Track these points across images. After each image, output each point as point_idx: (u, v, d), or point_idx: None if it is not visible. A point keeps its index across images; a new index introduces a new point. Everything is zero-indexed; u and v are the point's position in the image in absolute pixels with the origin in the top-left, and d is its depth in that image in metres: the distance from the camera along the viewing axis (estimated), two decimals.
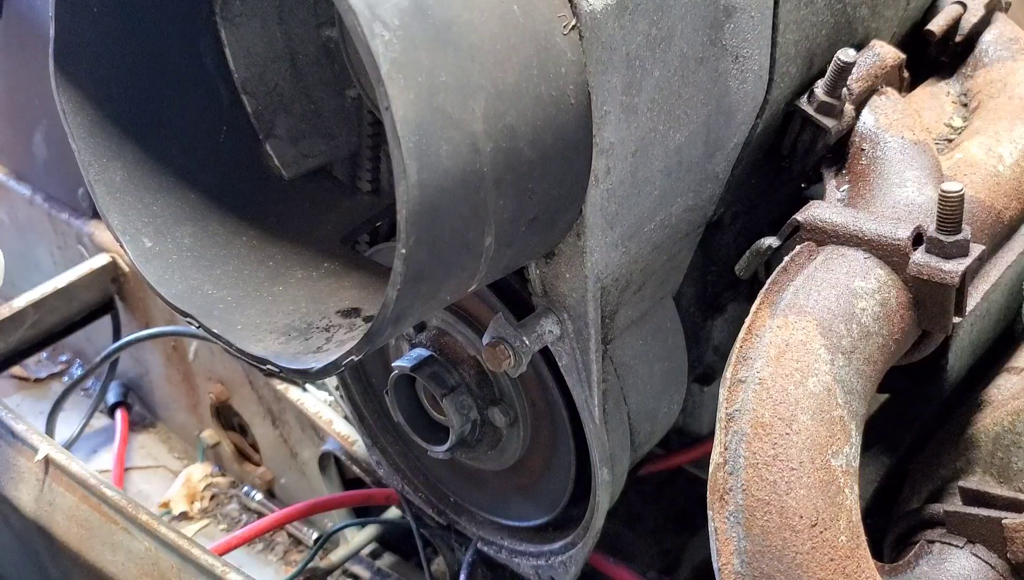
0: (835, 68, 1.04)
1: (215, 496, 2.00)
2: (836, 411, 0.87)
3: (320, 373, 0.88)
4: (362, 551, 1.59)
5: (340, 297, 0.99)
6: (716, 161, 1.02)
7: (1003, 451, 1.00)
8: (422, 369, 1.16)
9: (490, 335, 0.99)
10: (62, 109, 0.96)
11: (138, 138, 1.00)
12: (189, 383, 1.98)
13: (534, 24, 0.80)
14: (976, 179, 1.06)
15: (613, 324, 1.06)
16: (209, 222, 1.03)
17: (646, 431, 1.19)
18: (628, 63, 0.86)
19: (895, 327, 0.94)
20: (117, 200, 0.99)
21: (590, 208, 0.90)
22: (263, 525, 1.56)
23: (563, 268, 0.97)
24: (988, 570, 0.95)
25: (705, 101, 0.96)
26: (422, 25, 0.74)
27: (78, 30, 0.94)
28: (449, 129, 0.75)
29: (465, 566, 1.34)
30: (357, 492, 1.58)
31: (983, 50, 1.21)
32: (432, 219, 0.76)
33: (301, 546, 1.85)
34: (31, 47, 1.91)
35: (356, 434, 1.59)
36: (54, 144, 2.01)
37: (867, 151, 1.08)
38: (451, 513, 1.36)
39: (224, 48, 1.04)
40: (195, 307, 0.98)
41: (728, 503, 0.86)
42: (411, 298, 0.80)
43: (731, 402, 0.89)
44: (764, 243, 1.04)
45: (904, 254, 0.94)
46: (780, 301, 0.93)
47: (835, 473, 0.86)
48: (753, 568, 0.84)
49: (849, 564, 0.85)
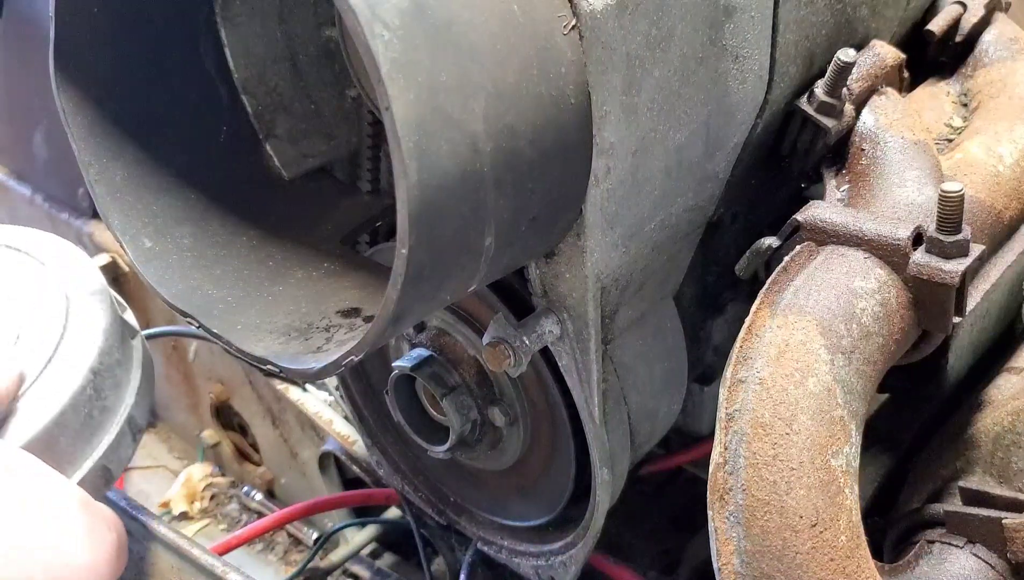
0: (835, 68, 1.04)
1: (215, 496, 2.00)
2: (836, 411, 0.87)
3: (320, 373, 0.88)
4: (362, 551, 1.59)
5: (340, 297, 0.99)
6: (716, 161, 1.02)
7: (1003, 451, 1.00)
8: (422, 369, 1.16)
9: (490, 335, 0.99)
10: (62, 109, 0.95)
11: (138, 138, 1.00)
12: (189, 383, 1.98)
13: (534, 24, 0.80)
14: (976, 179, 1.05)
15: (613, 324, 1.06)
16: (209, 222, 1.03)
17: (646, 431, 1.19)
18: (628, 63, 0.86)
19: (895, 327, 0.94)
20: (117, 200, 0.99)
21: (590, 208, 0.90)
22: (263, 525, 1.56)
23: (563, 268, 0.97)
24: (988, 570, 0.95)
25: (705, 101, 0.96)
26: (422, 25, 0.74)
27: (78, 30, 0.94)
28: (449, 129, 0.75)
29: (465, 566, 1.34)
30: (357, 492, 1.58)
31: (983, 50, 1.21)
32: (432, 219, 0.76)
33: (301, 546, 1.85)
34: (31, 47, 1.91)
35: (356, 434, 1.59)
36: (54, 144, 2.01)
37: (867, 151, 1.07)
38: (451, 513, 1.36)
39: (224, 48, 1.04)
40: (195, 307, 0.98)
41: (728, 503, 0.86)
42: (411, 298, 0.80)
43: (731, 402, 0.89)
44: (764, 243, 1.04)
45: (904, 254, 0.94)
46: (780, 301, 0.93)
47: (835, 473, 0.86)
48: (753, 568, 0.84)
49: (849, 564, 0.85)
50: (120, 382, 1.00)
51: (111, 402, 0.98)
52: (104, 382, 0.97)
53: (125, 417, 0.99)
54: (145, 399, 1.02)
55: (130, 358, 1.03)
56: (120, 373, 1.00)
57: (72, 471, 0.93)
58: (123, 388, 1.00)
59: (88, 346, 0.98)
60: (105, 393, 0.97)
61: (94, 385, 0.96)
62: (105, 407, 0.97)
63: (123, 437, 0.98)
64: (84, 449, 0.95)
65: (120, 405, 0.99)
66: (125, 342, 1.03)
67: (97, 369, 0.97)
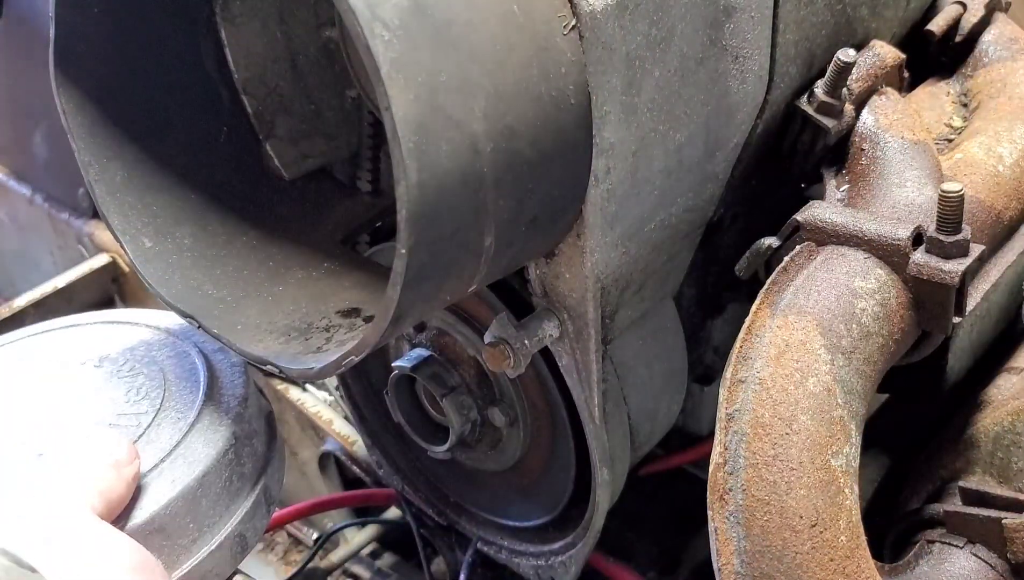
0: (835, 68, 1.04)
1: None
2: (836, 411, 0.87)
3: (320, 373, 0.88)
4: (362, 551, 1.59)
5: (340, 297, 0.99)
6: (716, 161, 1.02)
7: (1003, 451, 1.00)
8: (422, 369, 1.16)
9: (491, 335, 0.99)
10: (62, 109, 0.95)
11: (138, 138, 1.00)
12: None
13: (534, 24, 0.80)
14: (976, 179, 1.05)
15: (613, 324, 1.06)
16: (209, 222, 1.03)
17: (646, 431, 1.19)
18: (628, 63, 0.86)
19: (895, 327, 0.94)
20: (117, 200, 0.99)
21: (590, 208, 0.90)
22: None
23: (563, 268, 0.97)
24: (988, 570, 0.95)
25: (705, 101, 0.96)
26: (422, 25, 0.74)
27: (78, 30, 0.94)
28: (449, 129, 0.75)
29: (465, 566, 1.34)
30: (357, 492, 1.58)
31: (983, 50, 1.21)
32: (432, 219, 0.76)
33: (301, 546, 1.85)
34: (31, 47, 1.91)
35: (356, 434, 1.59)
36: (54, 144, 2.01)
37: (867, 151, 1.07)
38: (451, 513, 1.36)
39: (224, 49, 1.04)
40: (195, 307, 0.98)
41: (728, 503, 0.86)
42: (411, 298, 0.80)
43: (731, 402, 0.89)
44: (764, 243, 1.04)
45: (904, 254, 0.94)
46: (780, 301, 0.93)
47: (835, 473, 0.86)
48: (753, 568, 0.85)
49: (849, 564, 0.85)
50: (257, 452, 1.03)
51: (248, 470, 1.01)
52: (243, 449, 1.00)
53: (261, 487, 1.02)
54: (278, 472, 1.06)
55: (264, 431, 1.06)
56: (257, 443, 1.03)
57: (211, 535, 0.96)
58: (260, 458, 1.03)
59: (229, 413, 1.01)
60: (244, 459, 1.00)
61: (235, 450, 0.99)
62: (243, 474, 1.00)
63: (259, 507, 1.01)
64: (223, 514, 0.97)
65: (257, 474, 1.02)
66: (261, 415, 1.07)
67: (238, 435, 1.00)
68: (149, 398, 1.02)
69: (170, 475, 0.94)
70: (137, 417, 1.00)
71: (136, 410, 1.01)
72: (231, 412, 1.01)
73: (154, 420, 0.99)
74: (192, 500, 0.94)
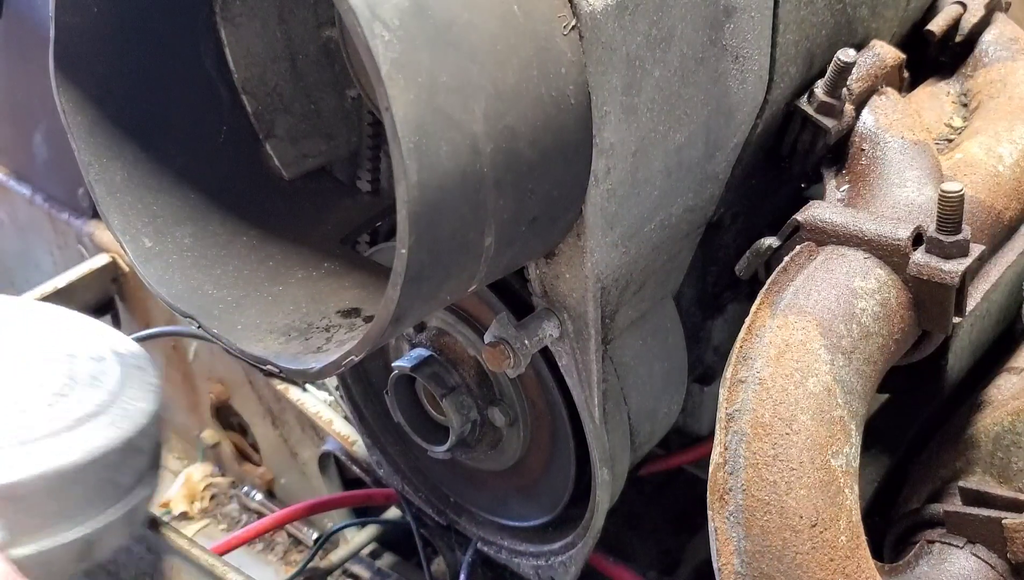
0: (835, 68, 1.04)
1: (215, 496, 2.00)
2: (836, 411, 0.87)
3: (320, 373, 0.88)
4: (362, 551, 1.59)
5: (340, 297, 0.99)
6: (716, 161, 1.02)
7: (1003, 451, 1.01)
8: (422, 369, 1.16)
9: (491, 335, 0.99)
10: (62, 109, 0.96)
11: (138, 138, 1.00)
12: (189, 383, 1.98)
13: (534, 24, 0.80)
14: (976, 179, 1.05)
15: (613, 324, 1.06)
16: (209, 222, 1.03)
17: (646, 431, 1.19)
18: (628, 63, 0.86)
19: (895, 327, 0.94)
20: (117, 200, 0.99)
21: (590, 208, 0.90)
22: (263, 525, 1.56)
23: (563, 268, 0.97)
24: (988, 570, 0.95)
25: (705, 101, 0.96)
26: (422, 25, 0.74)
27: (78, 30, 0.94)
28: (449, 129, 0.75)
29: (465, 566, 1.34)
30: (357, 492, 1.58)
31: (983, 50, 1.21)
32: (432, 219, 0.76)
33: (301, 546, 1.85)
34: (31, 47, 1.91)
35: (356, 434, 1.59)
36: (54, 144, 2.01)
37: (867, 151, 1.08)
38: (451, 513, 1.36)
39: (224, 48, 1.04)
40: (195, 307, 0.98)
41: (728, 503, 0.86)
42: (411, 298, 0.80)
43: (731, 402, 0.89)
44: (764, 243, 1.04)
45: (904, 254, 0.94)
46: (780, 301, 0.93)
47: (835, 473, 0.86)
48: (753, 568, 0.85)
49: (849, 564, 0.85)
50: (141, 473, 1.02)
51: (127, 483, 1.00)
52: (132, 460, 1.00)
53: (132, 506, 1.01)
54: (147, 503, 1.05)
55: (156, 460, 1.06)
56: (142, 463, 1.02)
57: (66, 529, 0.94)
58: (140, 479, 1.02)
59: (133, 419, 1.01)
60: (125, 471, 0.99)
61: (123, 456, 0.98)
62: (119, 484, 0.99)
63: (119, 523, 0.99)
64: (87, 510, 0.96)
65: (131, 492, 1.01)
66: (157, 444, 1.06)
67: (134, 444, 0.99)
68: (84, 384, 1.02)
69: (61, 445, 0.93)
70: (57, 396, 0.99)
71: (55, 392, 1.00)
72: (135, 419, 1.01)
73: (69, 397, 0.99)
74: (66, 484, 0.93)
